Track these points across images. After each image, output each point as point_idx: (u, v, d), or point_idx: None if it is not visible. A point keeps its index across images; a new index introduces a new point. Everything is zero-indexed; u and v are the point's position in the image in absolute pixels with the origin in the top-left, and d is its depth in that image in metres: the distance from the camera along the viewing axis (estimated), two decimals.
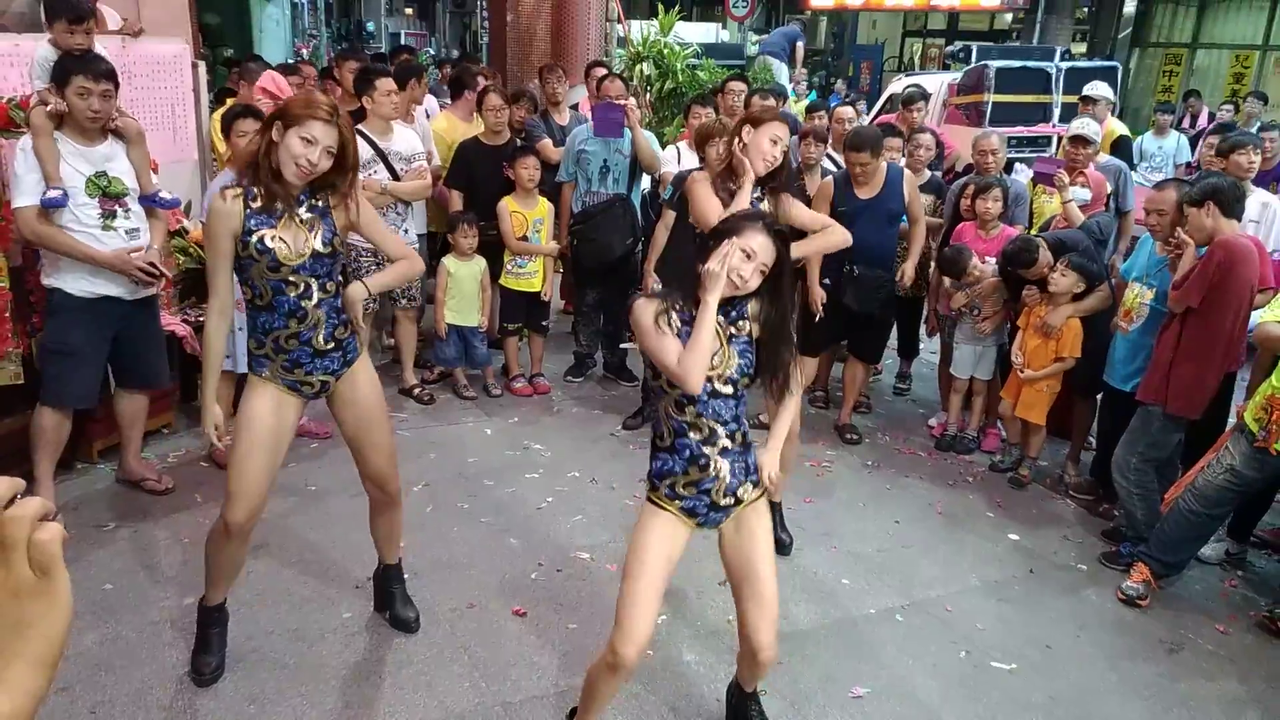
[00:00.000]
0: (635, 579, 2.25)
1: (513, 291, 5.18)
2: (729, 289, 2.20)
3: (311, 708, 2.73)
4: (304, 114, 2.47)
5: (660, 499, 2.31)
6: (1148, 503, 3.71)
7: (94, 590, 3.23)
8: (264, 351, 2.63)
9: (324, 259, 2.61)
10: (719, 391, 2.24)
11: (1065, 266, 4.21)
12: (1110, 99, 6.92)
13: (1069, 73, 8.86)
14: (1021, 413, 4.45)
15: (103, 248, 3.51)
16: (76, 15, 3.47)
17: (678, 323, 2.24)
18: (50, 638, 0.70)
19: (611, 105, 5.05)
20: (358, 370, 2.78)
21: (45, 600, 0.70)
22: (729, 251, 2.15)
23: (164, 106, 4.60)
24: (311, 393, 2.72)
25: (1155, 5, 16.09)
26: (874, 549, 3.83)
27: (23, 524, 0.69)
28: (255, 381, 2.65)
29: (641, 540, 2.29)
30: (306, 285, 2.59)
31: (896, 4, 17.01)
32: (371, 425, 2.81)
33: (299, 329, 2.61)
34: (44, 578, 0.69)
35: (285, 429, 2.68)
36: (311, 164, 2.48)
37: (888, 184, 4.53)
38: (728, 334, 2.27)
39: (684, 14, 9.60)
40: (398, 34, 25.17)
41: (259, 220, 2.53)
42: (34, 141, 3.36)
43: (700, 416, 2.24)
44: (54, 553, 0.70)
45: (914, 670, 3.07)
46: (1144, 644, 3.30)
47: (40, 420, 3.57)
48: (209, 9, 10.87)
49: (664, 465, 2.30)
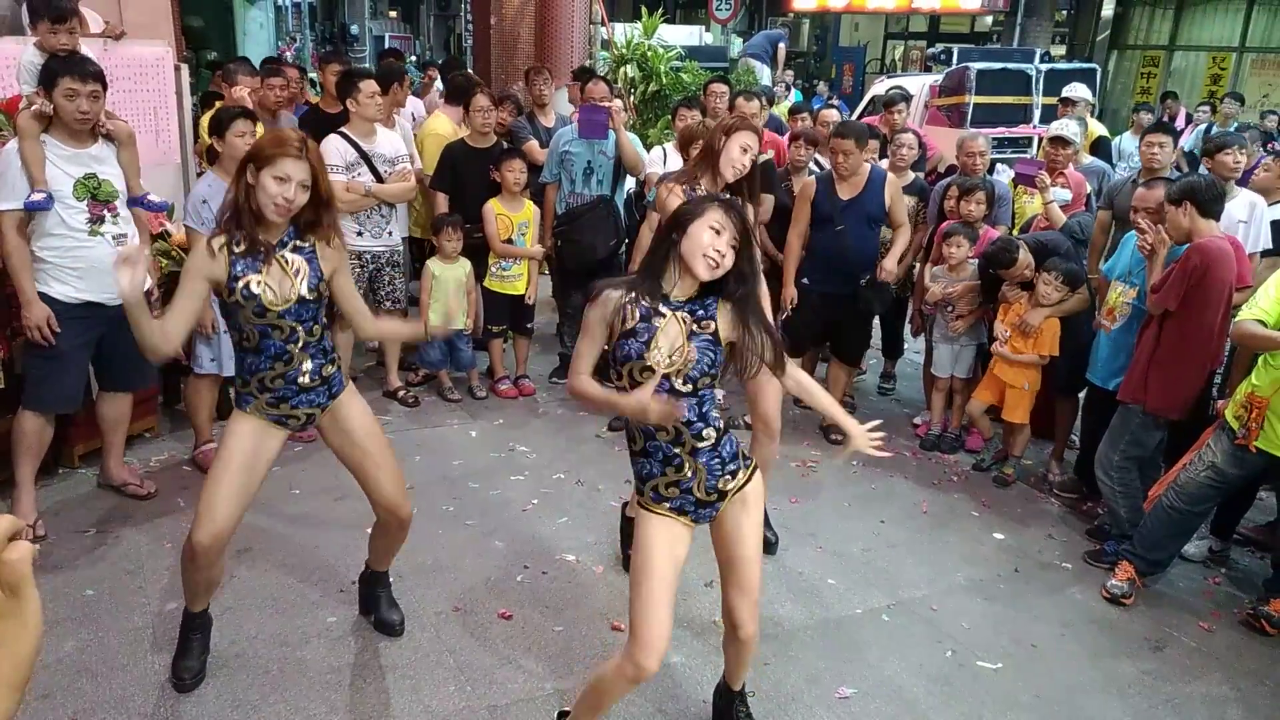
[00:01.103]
0: (643, 587, 2.22)
1: (497, 294, 5.17)
2: (708, 269, 2.17)
3: (295, 713, 2.71)
4: (275, 153, 2.47)
5: (649, 503, 2.30)
6: (1131, 501, 3.73)
7: (75, 596, 3.20)
8: (249, 390, 2.63)
9: (309, 304, 2.61)
10: (677, 390, 2.21)
11: (1055, 278, 4.24)
12: (1089, 100, 6.99)
13: (1049, 75, 8.93)
14: (1006, 415, 4.46)
15: (88, 252, 3.49)
16: (58, 15, 3.44)
17: (636, 315, 2.21)
18: (18, 659, 0.68)
19: (596, 107, 5.05)
20: (345, 401, 2.76)
21: (14, 621, 0.68)
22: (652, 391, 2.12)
23: (146, 110, 4.57)
24: (298, 425, 2.71)
25: (1133, 8, 16.25)
26: (860, 549, 3.84)
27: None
28: (240, 415, 2.66)
29: (643, 548, 2.27)
30: (292, 330, 2.59)
31: (878, 6, 17.08)
32: (370, 453, 2.78)
33: (285, 370, 2.61)
34: (13, 597, 0.68)
35: (264, 458, 2.66)
36: (288, 200, 2.48)
37: (869, 185, 4.54)
38: (689, 330, 2.22)
39: (667, 16, 9.61)
40: (382, 37, 25.05)
41: (244, 265, 2.52)
42: (19, 144, 3.33)
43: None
44: (24, 572, 0.68)
45: (900, 670, 3.08)
46: (1129, 642, 3.33)
47: (22, 425, 3.53)
48: (192, 12, 10.80)
49: (643, 469, 2.30)
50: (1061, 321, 4.32)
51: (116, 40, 4.36)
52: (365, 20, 25.71)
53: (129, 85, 4.43)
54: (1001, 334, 4.47)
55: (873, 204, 4.56)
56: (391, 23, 29.55)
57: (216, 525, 2.57)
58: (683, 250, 2.21)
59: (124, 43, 4.42)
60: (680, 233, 2.22)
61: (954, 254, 4.69)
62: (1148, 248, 3.66)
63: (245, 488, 2.62)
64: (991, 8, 16.35)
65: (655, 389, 2.15)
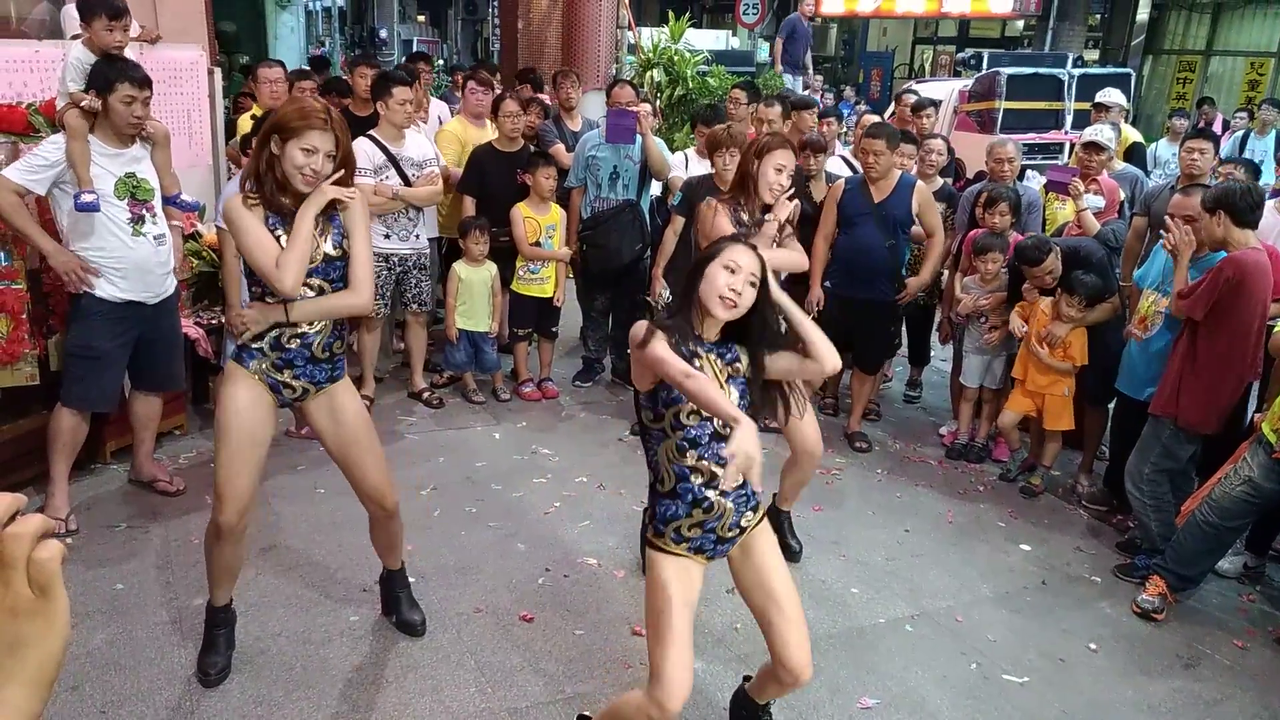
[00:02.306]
0: (664, 632, 2.16)
1: (524, 297, 5.19)
2: (726, 310, 2.17)
3: (317, 711, 2.73)
4: (301, 125, 2.48)
5: (667, 544, 2.25)
6: (1162, 514, 3.67)
7: (105, 590, 3.25)
8: (260, 345, 2.64)
9: (335, 263, 2.64)
10: (720, 434, 2.17)
11: (1076, 302, 4.17)
12: (1124, 106, 6.89)
13: (1081, 79, 8.84)
14: (1050, 424, 4.36)
15: (132, 253, 3.55)
16: (114, 11, 3.51)
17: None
18: (46, 658, 0.69)
19: (623, 112, 5.05)
20: (339, 390, 2.78)
21: (43, 620, 0.68)
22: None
23: (180, 112, 4.63)
24: (291, 396, 2.72)
25: (1169, 12, 16.04)
26: (883, 558, 3.81)
27: (23, 542, 0.67)
28: (238, 373, 2.64)
29: (660, 590, 2.21)
30: (320, 289, 2.62)
31: (907, 11, 16.98)
32: (358, 443, 2.79)
33: (304, 330, 2.63)
34: (42, 597, 0.68)
35: (266, 425, 2.68)
36: (315, 172, 2.51)
37: (897, 190, 4.50)
38: (725, 375, 2.23)
39: (694, 21, 9.62)
40: (410, 41, 25.28)
41: (274, 222, 2.57)
42: (69, 144, 3.37)
43: (701, 460, 2.19)
44: (53, 571, 0.68)
45: (924, 681, 3.04)
46: (1160, 659, 3.27)
47: (59, 422, 3.59)
48: (225, 16, 10.96)
49: (667, 510, 2.23)
50: (1090, 330, 4.26)
51: (152, 44, 4.42)
52: (394, 24, 25.94)
53: (163, 88, 4.49)
54: (1018, 327, 4.43)
55: (899, 209, 4.52)
56: (420, 27, 29.81)
57: (238, 501, 2.62)
58: (700, 294, 2.20)
59: (159, 46, 4.48)
60: (699, 276, 2.21)
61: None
62: (1170, 247, 3.59)
63: (257, 459, 2.66)
64: (1023, 12, 16.19)
65: (697, 434, 2.16)
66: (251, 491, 2.66)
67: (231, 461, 2.61)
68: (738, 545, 2.30)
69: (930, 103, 6.37)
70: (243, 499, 2.63)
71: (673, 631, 2.16)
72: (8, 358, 3.61)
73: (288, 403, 2.75)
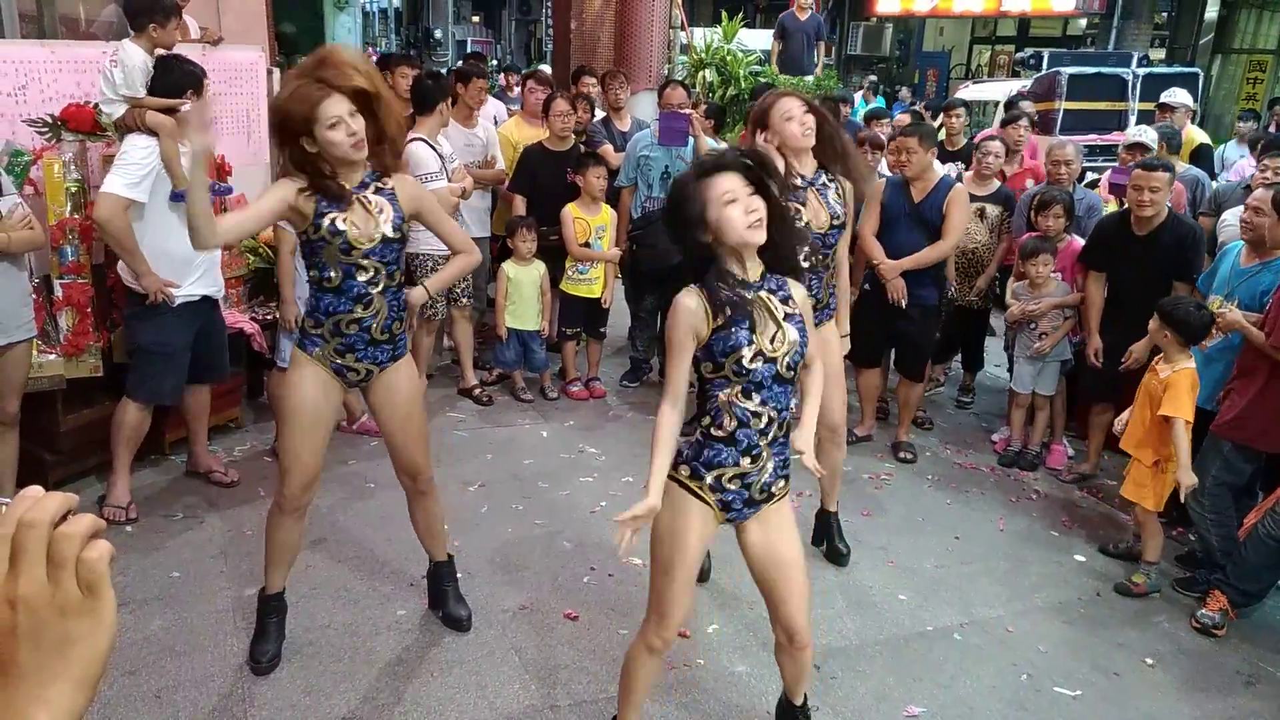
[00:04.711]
0: (676, 572, 2.23)
1: (573, 297, 5.21)
2: (759, 231, 2.06)
3: (364, 702, 2.77)
4: (310, 112, 2.46)
5: (702, 488, 2.22)
6: (1223, 528, 3.54)
7: (162, 577, 3.33)
8: (320, 331, 2.68)
9: (393, 244, 2.66)
10: (783, 377, 2.16)
11: (1165, 328, 3.50)
12: (1190, 106, 6.69)
13: (1146, 79, 8.60)
14: (1129, 492, 3.64)
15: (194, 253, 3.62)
16: (178, 11, 3.62)
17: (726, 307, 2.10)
18: (93, 657, 0.70)
19: (676, 114, 5.03)
20: (400, 366, 2.82)
21: (91, 619, 0.69)
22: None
23: (239, 112, 4.74)
24: (355, 379, 2.76)
25: (1238, 10, 15.52)
26: (932, 565, 3.74)
27: (73, 542, 0.68)
28: (302, 359, 2.70)
29: (679, 532, 2.22)
30: (376, 271, 2.64)
31: (965, 10, 16.69)
32: (410, 420, 2.86)
33: (362, 315, 2.66)
34: (91, 596, 0.69)
35: (331, 408, 2.75)
36: (353, 134, 2.49)
37: (933, 192, 4.39)
38: (782, 314, 2.17)
39: (747, 21, 9.55)
40: (464, 41, 25.56)
41: (329, 204, 2.57)
42: (163, 144, 3.44)
43: (765, 404, 2.17)
44: (102, 571, 0.69)
45: (972, 691, 2.99)
46: (1219, 676, 3.16)
47: (125, 415, 3.69)
48: (285, 18, 11.20)
49: (716, 455, 2.20)
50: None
51: (214, 45, 4.53)
52: (449, 25, 26.27)
53: (223, 88, 4.61)
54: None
55: (931, 211, 4.41)
56: (474, 27, 30.12)
57: (305, 474, 2.68)
58: (726, 240, 2.10)
59: (220, 48, 4.59)
60: (704, 229, 2.10)
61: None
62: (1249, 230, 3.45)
63: (321, 438, 2.72)
64: (1086, 10, 15.80)
65: (762, 376, 2.12)
66: (315, 468, 2.72)
67: (297, 439, 2.67)
68: (756, 516, 2.28)
69: (1023, 114, 6.05)
70: (308, 473, 2.69)
71: (685, 577, 2.26)
72: (74, 350, 3.73)
73: (353, 384, 2.80)
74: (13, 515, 0.68)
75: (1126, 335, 4.02)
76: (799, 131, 3.05)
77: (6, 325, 3.31)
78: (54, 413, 3.79)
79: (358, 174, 2.63)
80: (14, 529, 0.68)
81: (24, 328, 3.39)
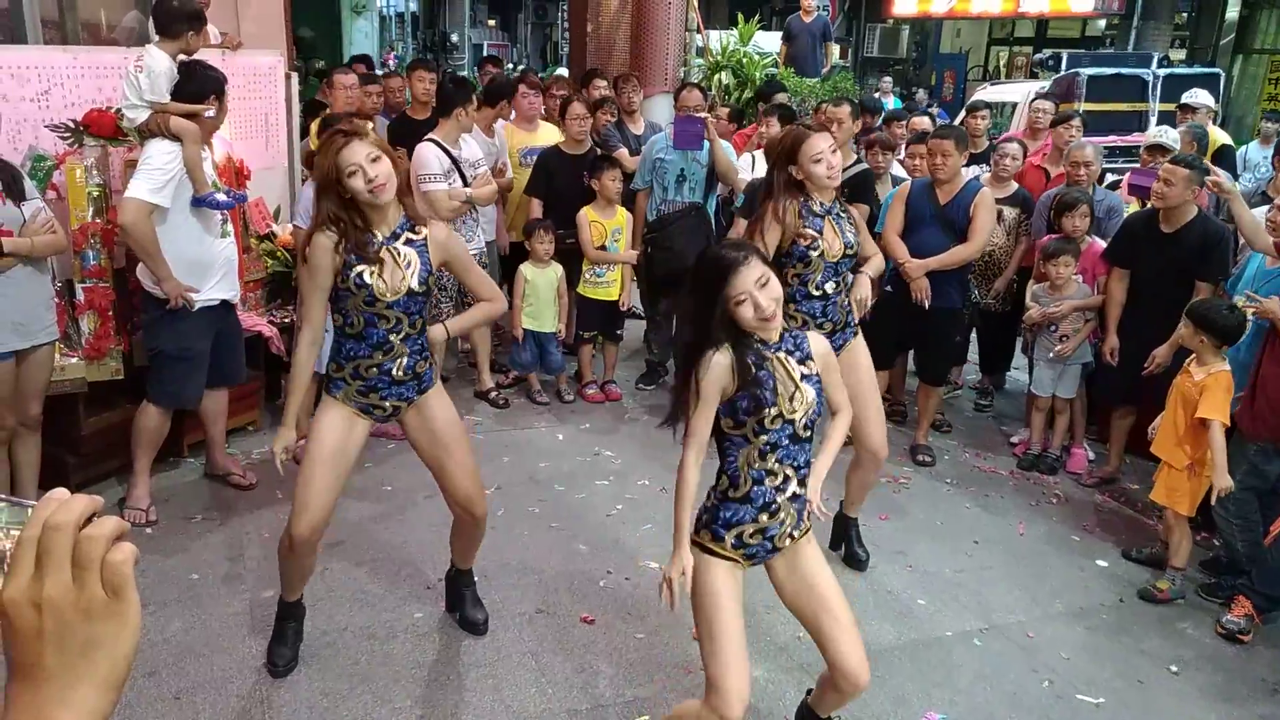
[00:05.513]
0: (720, 640, 2.16)
1: (590, 300, 5.21)
2: (774, 324, 2.14)
3: (381, 705, 2.77)
4: (335, 162, 2.50)
5: (724, 549, 2.23)
6: (1249, 533, 3.49)
7: (182, 579, 3.35)
8: (342, 375, 2.71)
9: (418, 297, 2.67)
10: (800, 436, 2.19)
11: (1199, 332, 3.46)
12: (1211, 107, 6.61)
13: (1167, 80, 8.51)
14: (1160, 496, 3.60)
15: (224, 251, 3.72)
16: (204, 19, 3.68)
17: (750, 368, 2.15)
18: (117, 659, 0.70)
19: (691, 118, 5.03)
20: (432, 398, 2.81)
21: (115, 621, 0.69)
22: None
23: (258, 115, 4.77)
24: (383, 415, 2.78)
25: (1260, 10, 15.33)
26: (951, 569, 3.71)
27: (99, 544, 0.68)
28: (328, 402, 2.73)
29: (713, 597, 2.20)
30: (398, 321, 2.66)
31: (983, 11, 16.57)
32: (450, 449, 2.83)
33: (382, 360, 2.68)
34: (115, 599, 0.69)
35: (353, 446, 2.74)
36: (372, 179, 2.50)
37: (959, 195, 4.35)
38: (800, 374, 2.20)
39: (763, 23, 9.53)
40: (480, 45, 25.67)
41: (358, 257, 2.59)
42: (187, 150, 3.46)
43: (780, 463, 2.19)
44: (127, 574, 0.69)
45: (992, 698, 2.96)
46: (1244, 683, 3.12)
47: (146, 419, 3.71)
48: (303, 23, 11.27)
49: (734, 515, 2.21)
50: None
51: (234, 50, 4.57)
52: (465, 29, 26.37)
53: (243, 92, 4.64)
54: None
55: (956, 213, 4.36)
56: (490, 31, 30.24)
57: (313, 516, 2.66)
58: (744, 327, 2.16)
59: (240, 52, 4.63)
60: (719, 324, 2.15)
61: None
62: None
63: (337, 478, 2.70)
64: (1105, 10, 15.67)
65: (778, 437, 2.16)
66: (326, 510, 2.69)
67: (312, 479, 2.66)
68: (782, 555, 2.28)
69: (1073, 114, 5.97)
70: (317, 516, 2.67)
71: (728, 638, 2.16)
72: (95, 353, 3.77)
73: (383, 420, 2.81)
74: (39, 517, 0.68)
75: (1142, 333, 3.98)
76: (824, 174, 3.12)
77: (30, 328, 3.34)
78: (75, 416, 3.83)
79: (390, 221, 2.63)
80: (40, 531, 0.68)
81: (47, 331, 3.42)
